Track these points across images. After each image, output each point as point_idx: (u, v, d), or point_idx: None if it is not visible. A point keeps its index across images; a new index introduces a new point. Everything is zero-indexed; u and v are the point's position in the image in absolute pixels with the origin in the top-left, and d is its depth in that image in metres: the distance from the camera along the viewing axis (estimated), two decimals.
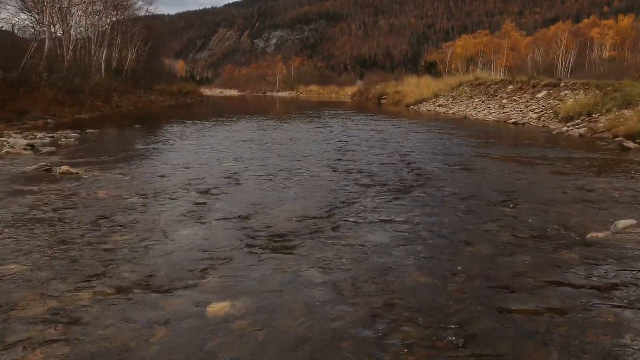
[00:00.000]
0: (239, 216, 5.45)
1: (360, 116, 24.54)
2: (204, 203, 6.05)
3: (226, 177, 7.88)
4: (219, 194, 6.58)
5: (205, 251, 4.30)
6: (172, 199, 6.25)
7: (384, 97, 41.36)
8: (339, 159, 10.00)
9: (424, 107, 30.86)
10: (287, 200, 6.33)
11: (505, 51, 61.02)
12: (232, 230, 4.95)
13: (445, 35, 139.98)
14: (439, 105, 29.50)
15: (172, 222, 5.18)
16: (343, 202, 6.23)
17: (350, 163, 9.57)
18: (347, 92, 62.02)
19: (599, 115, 16.04)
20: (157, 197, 6.32)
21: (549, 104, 19.99)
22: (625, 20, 66.00)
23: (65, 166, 8.10)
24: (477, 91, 28.46)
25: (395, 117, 23.73)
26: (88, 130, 14.87)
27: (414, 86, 37.56)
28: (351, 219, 5.42)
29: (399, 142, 13.08)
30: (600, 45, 61.28)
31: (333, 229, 5.06)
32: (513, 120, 19.67)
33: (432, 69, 56.47)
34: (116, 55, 41.42)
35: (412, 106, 32.42)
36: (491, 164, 9.57)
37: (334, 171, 8.59)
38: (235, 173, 8.29)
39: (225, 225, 5.12)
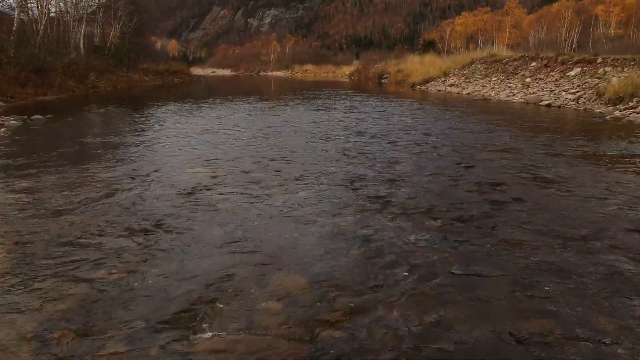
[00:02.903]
0: (180, 316, 2.64)
1: (364, 97, 21.60)
2: (124, 275, 3.20)
3: (189, 196, 5.08)
4: (164, 242, 3.76)
5: None
6: (70, 259, 3.42)
7: (384, 76, 38.58)
8: (356, 162, 7.18)
9: (432, 87, 27.92)
10: (282, 258, 3.53)
11: (508, 29, 58.77)
12: None
13: (441, 13, 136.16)
14: (450, 85, 26.55)
15: None
16: (386, 259, 3.46)
17: (373, 166, 6.76)
18: (345, 72, 58.99)
19: None
20: (44, 253, 3.49)
21: (586, 83, 17.12)
22: None
23: None
24: (492, 69, 25.54)
25: (404, 99, 20.83)
26: (35, 117, 11.98)
27: (417, 64, 34.70)
28: (415, 317, 2.63)
29: (426, 133, 10.26)
30: (605, 22, 59.03)
31: None
32: (546, 102, 16.81)
33: (430, 48, 53.96)
34: (99, 31, 38.34)
35: (418, 86, 29.47)
36: (571, 168, 6.78)
37: (353, 185, 5.76)
38: (206, 187, 5.49)
39: None
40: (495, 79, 23.71)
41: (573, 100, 16.15)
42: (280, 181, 5.85)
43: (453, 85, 26.39)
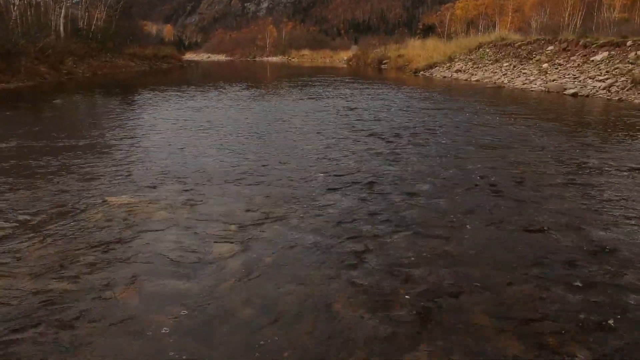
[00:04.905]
0: None
1: (365, 85, 19.47)
2: None
3: (92, 259, 3.10)
4: None
5: None
6: None
7: (384, 62, 36.56)
8: (373, 199, 5.19)
9: (437, 73, 25.79)
10: None
11: (510, 12, 56.85)
12: None
13: None
14: (457, 71, 24.43)
15: None
16: None
17: (380, 194, 4.77)
18: (343, 57, 56.89)
19: None
20: None
21: (616, 69, 15.05)
22: None
23: None
24: (503, 53, 23.42)
25: (409, 87, 18.73)
26: None
27: (419, 49, 32.58)
28: None
29: (448, 135, 8.25)
30: (609, 6, 57.06)
31: None
32: (571, 90, 14.75)
33: (430, 32, 52.02)
34: (83, 14, 36.07)
35: (421, 72, 27.37)
36: None
37: (351, 233, 3.78)
38: (128, 236, 3.51)
39: None
40: (507, 64, 21.62)
41: (603, 89, 14.09)
42: (250, 220, 3.88)
43: (460, 71, 24.29)
